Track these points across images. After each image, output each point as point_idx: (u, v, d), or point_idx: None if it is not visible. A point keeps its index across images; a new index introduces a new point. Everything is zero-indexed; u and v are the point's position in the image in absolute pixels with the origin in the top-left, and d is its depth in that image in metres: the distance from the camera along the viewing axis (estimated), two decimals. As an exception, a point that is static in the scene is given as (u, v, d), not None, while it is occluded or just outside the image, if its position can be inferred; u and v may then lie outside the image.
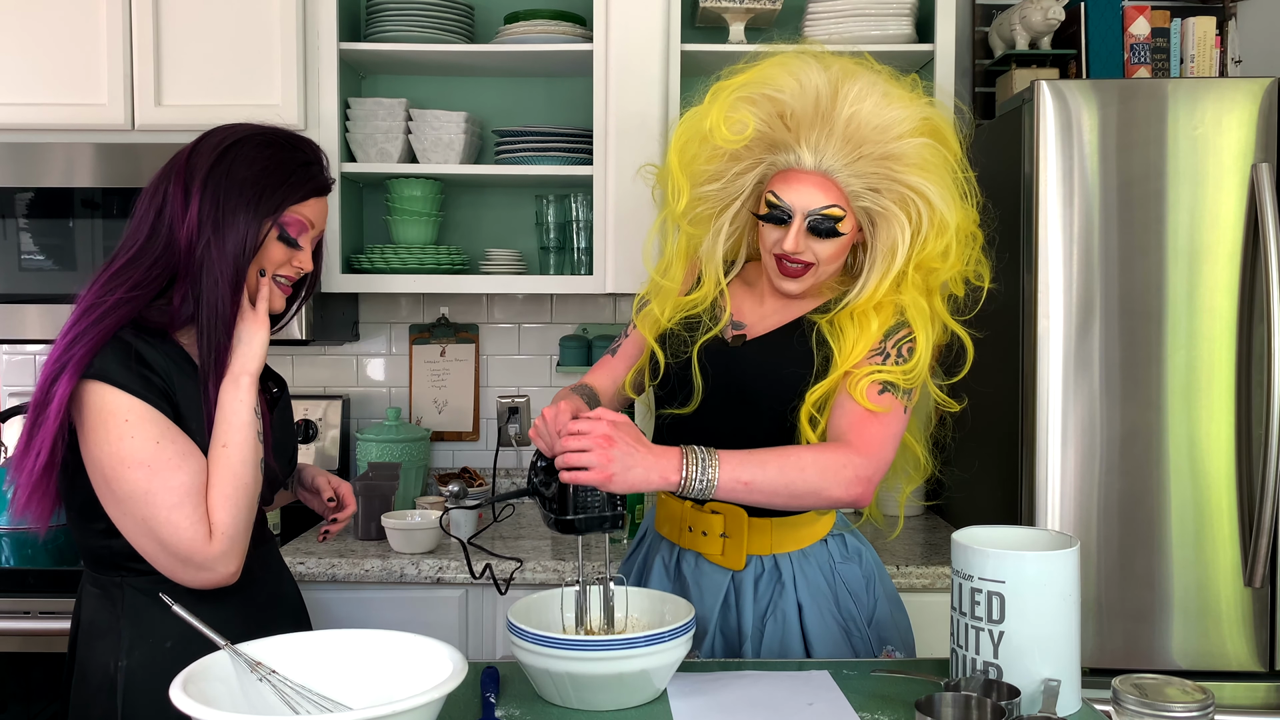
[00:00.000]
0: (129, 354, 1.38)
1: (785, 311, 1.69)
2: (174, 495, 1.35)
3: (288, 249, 1.48)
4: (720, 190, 1.66)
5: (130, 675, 1.42)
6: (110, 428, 1.36)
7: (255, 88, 2.54)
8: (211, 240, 1.41)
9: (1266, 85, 2.12)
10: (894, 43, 2.59)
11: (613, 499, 1.43)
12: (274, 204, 1.44)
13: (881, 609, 1.72)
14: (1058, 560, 1.34)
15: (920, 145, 1.54)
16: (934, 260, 1.58)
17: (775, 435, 1.62)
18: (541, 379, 2.99)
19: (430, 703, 1.10)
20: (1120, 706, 1.23)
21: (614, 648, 1.31)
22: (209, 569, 1.38)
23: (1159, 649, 2.16)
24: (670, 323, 1.69)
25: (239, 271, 1.42)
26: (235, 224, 1.42)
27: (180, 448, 1.38)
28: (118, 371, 1.37)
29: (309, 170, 1.49)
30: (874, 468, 1.51)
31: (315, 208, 1.50)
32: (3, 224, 2.50)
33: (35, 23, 2.53)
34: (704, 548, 1.69)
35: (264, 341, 1.46)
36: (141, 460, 1.35)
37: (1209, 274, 2.13)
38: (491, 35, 2.79)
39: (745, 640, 1.66)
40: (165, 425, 1.38)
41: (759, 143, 1.61)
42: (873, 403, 1.54)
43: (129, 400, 1.36)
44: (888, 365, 1.56)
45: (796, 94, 1.56)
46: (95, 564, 1.46)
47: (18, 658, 2.23)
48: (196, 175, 1.43)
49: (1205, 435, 2.14)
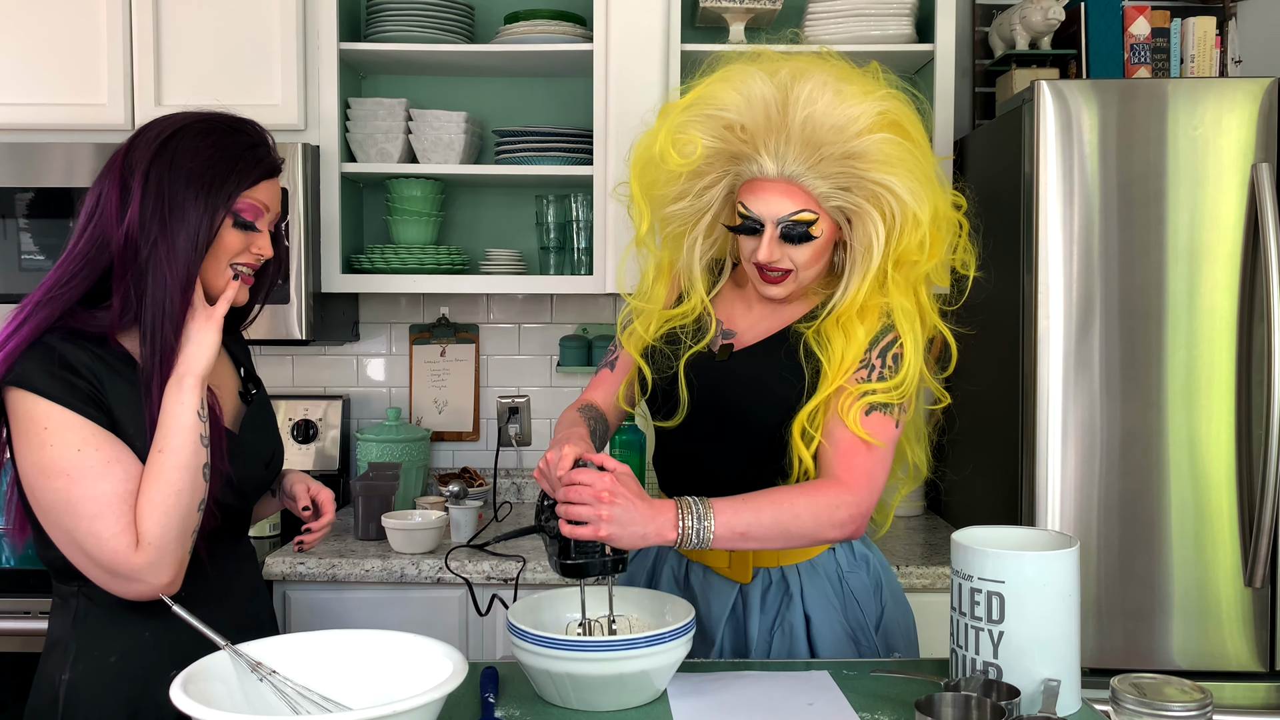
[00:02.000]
0: (51, 358, 1.33)
1: (774, 318, 1.67)
2: (95, 505, 1.30)
3: (245, 234, 1.42)
4: (688, 207, 1.63)
5: (72, 688, 1.38)
6: (31, 435, 1.31)
7: (255, 88, 2.55)
8: (159, 237, 1.34)
9: (1266, 85, 2.12)
10: (894, 43, 2.59)
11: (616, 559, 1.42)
12: (226, 193, 1.38)
13: (889, 613, 1.71)
14: (1058, 560, 1.34)
15: (880, 141, 1.51)
16: (912, 254, 1.55)
17: (764, 448, 1.61)
18: (541, 379, 2.99)
19: (430, 703, 1.10)
20: (1119, 706, 1.23)
21: (614, 648, 1.31)
22: (137, 579, 1.32)
23: (1159, 649, 2.16)
24: (653, 338, 1.68)
25: (190, 267, 1.36)
26: (185, 218, 1.35)
27: (106, 454, 1.32)
28: (37, 377, 1.31)
29: (256, 153, 1.42)
30: (866, 503, 1.52)
31: (268, 190, 1.44)
32: (3, 224, 2.50)
33: (35, 23, 2.53)
34: (711, 560, 1.68)
35: (214, 343, 1.39)
36: (61, 469, 1.30)
37: (1209, 274, 2.13)
38: (491, 35, 2.79)
39: (752, 652, 1.65)
40: (89, 431, 1.32)
41: (718, 157, 1.58)
42: (864, 429, 1.52)
43: (48, 406, 1.31)
44: (875, 382, 1.54)
45: (743, 108, 1.53)
46: (53, 573, 1.42)
47: (18, 658, 2.22)
48: (136, 170, 1.36)
49: (1205, 435, 2.14)
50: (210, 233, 1.37)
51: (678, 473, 1.72)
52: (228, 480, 1.44)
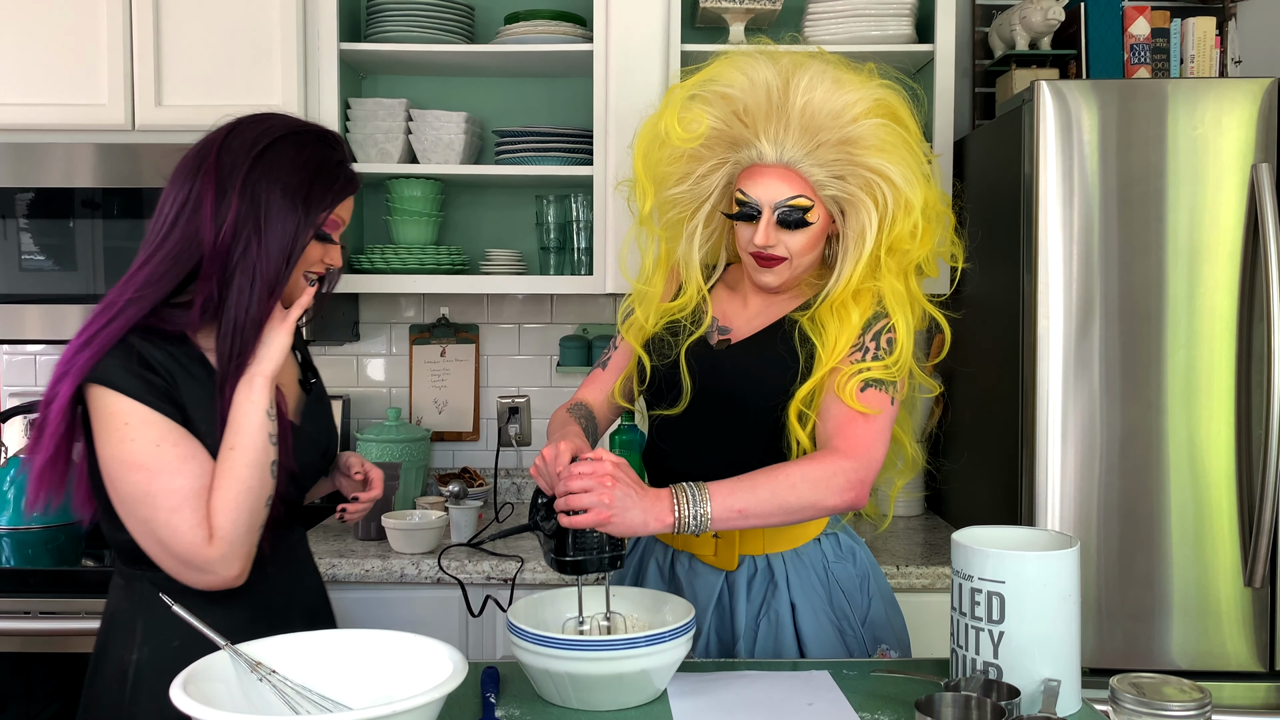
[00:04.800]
0: (131, 357, 1.38)
1: (769, 313, 1.70)
2: (174, 498, 1.35)
3: (324, 246, 1.50)
4: (689, 191, 1.68)
5: (139, 669, 1.43)
6: (111, 430, 1.37)
7: (255, 88, 2.54)
8: (252, 244, 1.40)
9: (1266, 85, 2.12)
10: (894, 43, 2.59)
11: (613, 541, 1.44)
12: (319, 209, 1.44)
13: (876, 608, 1.73)
14: (1058, 560, 1.34)
15: (876, 126, 1.57)
16: (904, 241, 1.60)
17: (763, 434, 1.63)
18: (541, 379, 2.99)
19: (430, 703, 1.10)
20: (1118, 705, 1.23)
21: (614, 648, 1.31)
22: (209, 571, 1.38)
23: (1159, 649, 2.16)
24: (655, 327, 1.73)
25: (279, 274, 1.41)
26: (281, 227, 1.41)
27: (182, 451, 1.38)
28: (119, 375, 1.37)
29: (342, 169, 1.49)
30: (865, 469, 1.52)
31: (347, 205, 1.51)
32: (3, 224, 2.51)
33: (35, 23, 2.53)
34: (696, 549, 1.70)
35: (284, 345, 1.44)
36: (141, 463, 1.36)
37: (1209, 274, 2.13)
38: (491, 35, 2.79)
39: (739, 640, 1.66)
40: (167, 428, 1.38)
41: (719, 141, 1.64)
42: (859, 402, 1.55)
43: (129, 404, 1.36)
44: (869, 361, 1.58)
45: (747, 89, 1.60)
46: (121, 557, 1.47)
47: (18, 658, 2.23)
48: (235, 175, 1.41)
49: (1205, 435, 2.14)
50: (301, 245, 1.43)
51: (674, 463, 1.73)
52: (290, 473, 1.50)
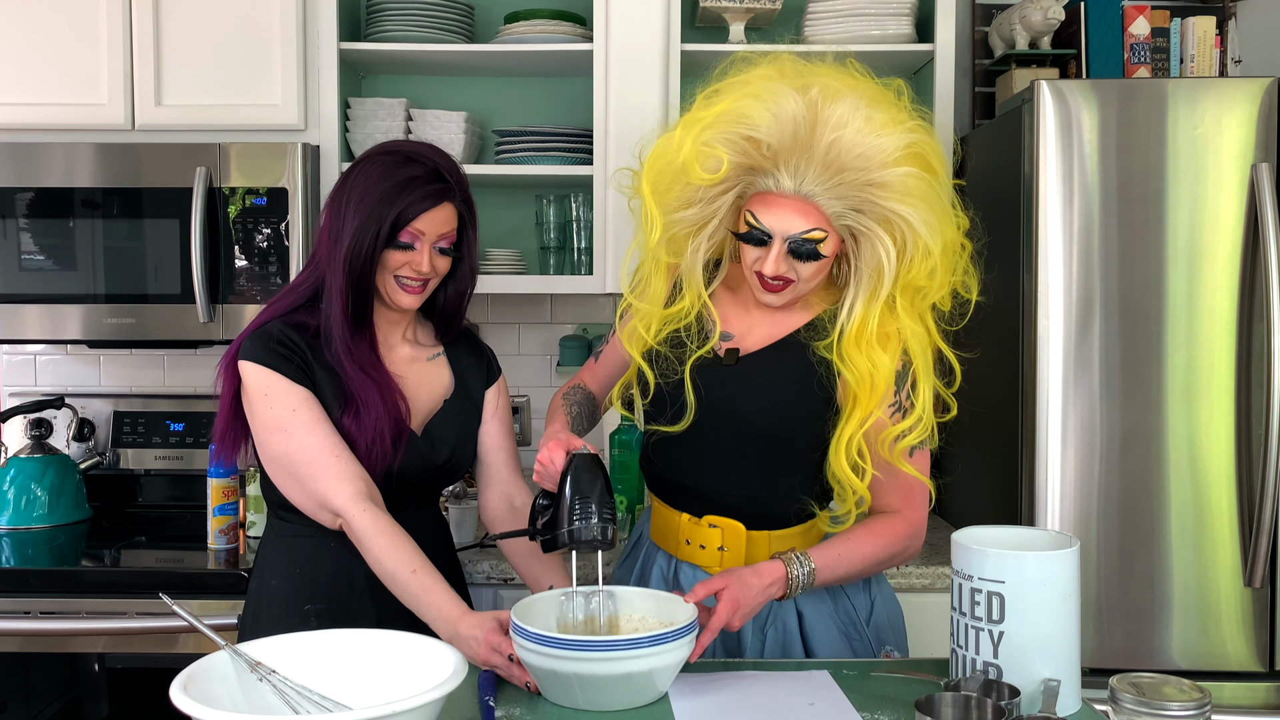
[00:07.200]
0: (270, 337, 1.65)
1: (774, 324, 1.66)
2: (308, 454, 1.60)
3: (405, 253, 1.66)
4: (695, 214, 1.62)
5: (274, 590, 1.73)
6: (255, 399, 1.64)
7: (255, 87, 2.55)
8: (332, 253, 1.65)
9: (1266, 85, 2.12)
10: (894, 43, 2.59)
11: (604, 526, 1.45)
12: (388, 218, 1.63)
13: (879, 610, 1.72)
14: (1058, 560, 1.34)
15: (905, 175, 1.49)
16: (920, 280, 1.55)
17: (768, 455, 1.62)
18: (541, 379, 2.99)
19: (430, 703, 1.10)
20: (1117, 705, 1.23)
21: (621, 648, 1.31)
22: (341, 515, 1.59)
23: (1159, 649, 2.16)
24: (656, 341, 1.67)
25: (346, 279, 1.64)
26: (350, 237, 1.63)
27: (315, 414, 1.63)
28: (260, 351, 1.64)
29: (415, 184, 1.64)
30: (925, 523, 1.67)
31: (428, 219, 1.65)
32: (3, 224, 2.51)
33: (35, 23, 2.53)
34: (702, 560, 1.68)
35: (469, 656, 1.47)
36: (280, 425, 1.62)
37: (1209, 274, 2.13)
38: (491, 35, 2.79)
39: (745, 650, 1.66)
40: (301, 396, 1.63)
41: (735, 169, 1.55)
42: (914, 467, 1.61)
43: (268, 375, 1.63)
44: (910, 421, 1.57)
45: (772, 128, 1.50)
46: (270, 507, 1.76)
47: (18, 658, 2.23)
48: (333, 193, 1.69)
49: (1205, 435, 2.14)
50: (362, 254, 1.64)
51: (673, 476, 1.71)
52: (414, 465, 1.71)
